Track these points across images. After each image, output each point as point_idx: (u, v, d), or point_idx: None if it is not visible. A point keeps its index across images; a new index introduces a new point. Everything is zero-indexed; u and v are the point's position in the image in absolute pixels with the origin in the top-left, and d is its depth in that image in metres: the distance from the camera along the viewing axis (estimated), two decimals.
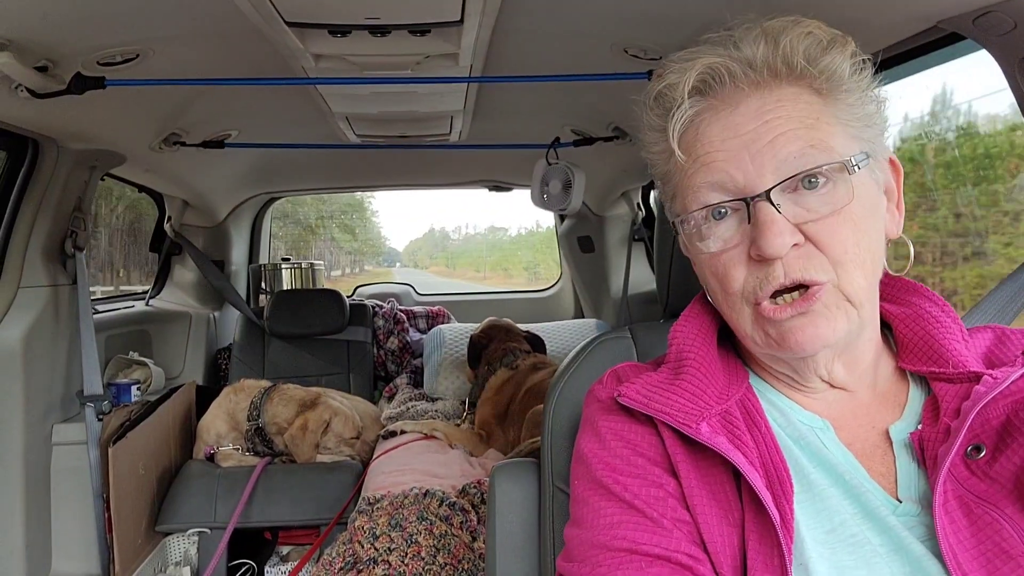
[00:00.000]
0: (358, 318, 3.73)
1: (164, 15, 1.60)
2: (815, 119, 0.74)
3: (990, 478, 0.71)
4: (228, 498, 2.58)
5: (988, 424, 0.73)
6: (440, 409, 3.20)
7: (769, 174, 0.72)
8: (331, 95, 2.22)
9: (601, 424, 0.84)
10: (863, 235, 0.74)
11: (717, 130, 0.75)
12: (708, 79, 0.76)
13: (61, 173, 2.34)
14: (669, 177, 0.83)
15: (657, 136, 0.82)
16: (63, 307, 2.46)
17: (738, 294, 0.76)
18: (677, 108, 0.77)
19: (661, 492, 0.76)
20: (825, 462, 0.76)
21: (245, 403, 2.82)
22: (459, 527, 2.10)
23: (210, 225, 3.77)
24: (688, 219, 0.78)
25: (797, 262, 0.72)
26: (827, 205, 0.72)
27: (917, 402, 0.80)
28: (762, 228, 0.71)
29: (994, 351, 0.82)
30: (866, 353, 0.81)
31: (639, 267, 3.57)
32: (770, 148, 0.72)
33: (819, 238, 0.72)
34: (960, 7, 1.21)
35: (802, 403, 0.82)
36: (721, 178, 0.74)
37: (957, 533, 0.68)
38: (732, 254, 0.75)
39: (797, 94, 0.75)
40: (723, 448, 0.73)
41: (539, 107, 2.55)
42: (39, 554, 2.38)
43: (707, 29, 0.79)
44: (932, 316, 0.82)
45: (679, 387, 0.81)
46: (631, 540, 0.73)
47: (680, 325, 0.88)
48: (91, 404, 2.39)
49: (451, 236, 7.97)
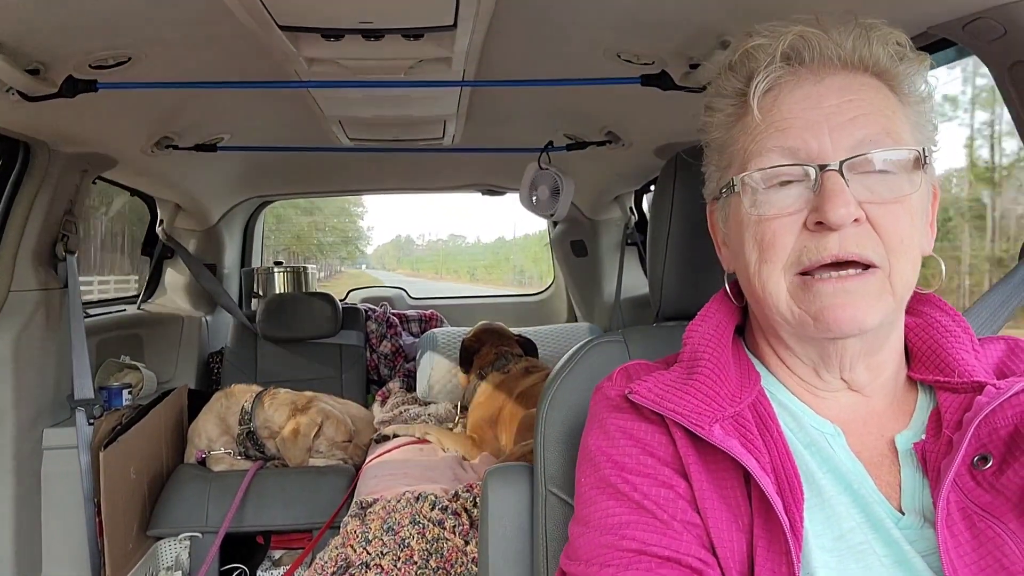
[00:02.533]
0: (351, 322, 3.72)
1: (156, 18, 1.59)
2: (892, 111, 0.75)
3: (996, 490, 0.70)
4: (220, 502, 2.57)
5: (996, 434, 0.72)
6: (433, 413, 3.20)
7: (843, 149, 0.72)
8: (324, 99, 2.22)
9: (610, 421, 0.82)
10: (915, 230, 0.74)
11: (799, 97, 0.75)
12: (800, 47, 0.75)
13: (52, 176, 2.33)
14: (730, 142, 0.81)
15: (726, 102, 0.81)
16: (54, 311, 2.45)
17: (780, 263, 0.75)
18: (765, 67, 0.76)
19: (671, 493, 0.75)
20: (835, 469, 0.75)
21: (237, 407, 2.81)
22: (452, 531, 2.10)
23: (202, 228, 3.76)
24: (747, 180, 0.77)
25: (854, 238, 0.72)
26: (892, 191, 0.73)
27: (924, 411, 0.79)
28: (829, 195, 0.70)
29: (1006, 362, 0.81)
30: (890, 362, 0.80)
31: (632, 271, 3.57)
32: (850, 125, 0.72)
33: (879, 221, 0.72)
34: (950, 13, 1.22)
35: (815, 407, 0.81)
36: (795, 144, 0.74)
37: (958, 548, 0.68)
38: (786, 221, 0.74)
39: (879, 87, 0.75)
40: (736, 452, 0.72)
41: (532, 111, 2.55)
42: (29, 559, 2.36)
43: (701, 34, 0.79)
44: (942, 326, 0.82)
45: (692, 387, 0.79)
46: (640, 541, 0.72)
47: (696, 324, 0.87)
48: (82, 408, 2.37)
49: (416, 242, 8.54)
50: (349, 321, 3.71)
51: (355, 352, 3.69)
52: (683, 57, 1.75)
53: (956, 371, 0.77)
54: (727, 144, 0.81)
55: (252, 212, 4.24)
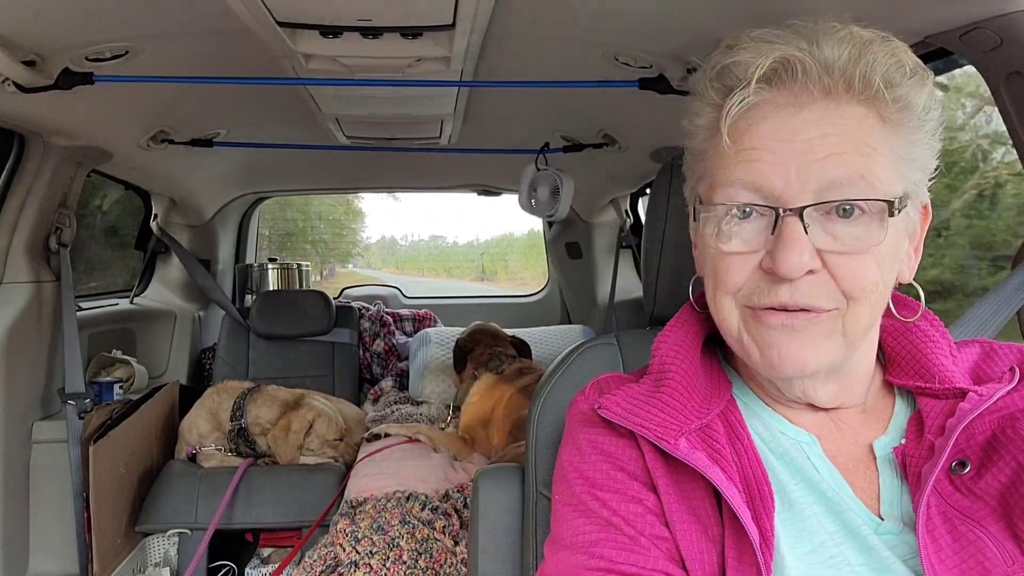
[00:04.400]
0: (344, 320, 3.71)
1: (154, 12, 1.59)
2: (872, 148, 0.70)
3: (974, 495, 0.70)
4: (209, 499, 2.56)
5: (973, 440, 0.72)
6: (425, 412, 3.19)
7: (810, 192, 0.69)
8: (321, 96, 2.22)
9: (581, 436, 0.83)
10: (882, 276, 0.72)
11: (771, 128, 0.71)
12: (780, 69, 0.71)
13: (47, 169, 2.32)
14: (704, 156, 0.78)
15: (707, 109, 0.77)
16: (46, 304, 2.44)
17: (731, 295, 0.74)
18: (740, 90, 0.72)
19: (640, 508, 0.75)
20: (808, 479, 0.75)
21: (228, 403, 2.80)
22: (441, 531, 2.09)
23: (197, 224, 3.75)
24: (712, 210, 0.74)
25: (807, 288, 0.70)
26: (857, 241, 0.69)
27: (902, 416, 0.79)
28: (784, 244, 0.68)
29: (981, 366, 0.81)
30: (859, 378, 0.79)
31: (626, 274, 3.58)
32: (820, 166, 0.68)
33: (838, 271, 0.70)
34: (947, 23, 1.22)
35: (788, 416, 0.80)
36: (760, 181, 0.70)
37: (939, 552, 0.68)
38: (740, 259, 0.72)
39: (863, 116, 0.70)
40: (701, 465, 0.72)
41: (529, 113, 2.55)
42: (16, 553, 2.35)
43: (699, 39, 0.78)
44: (921, 331, 0.81)
45: (659, 400, 0.79)
46: (608, 559, 0.73)
47: (664, 335, 0.86)
48: (73, 402, 2.36)
49: (399, 242, 9.08)
50: (342, 319, 3.70)
51: (348, 350, 3.68)
52: (681, 61, 1.75)
53: (937, 377, 0.77)
54: (701, 156, 0.79)
55: (247, 208, 4.24)
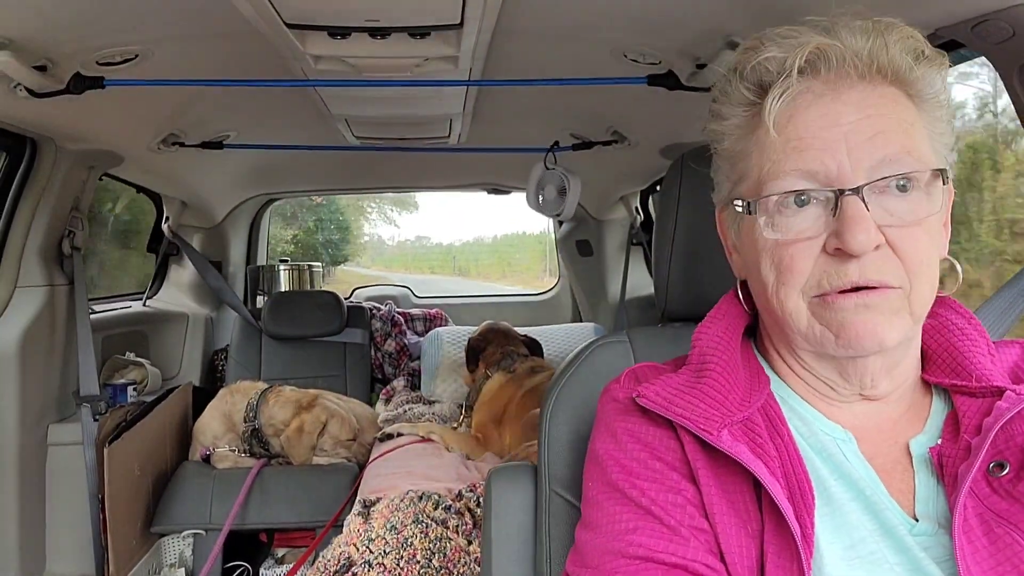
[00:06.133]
0: (355, 320, 3.72)
1: (163, 16, 1.60)
2: (910, 124, 0.72)
3: (1012, 497, 0.69)
4: (224, 499, 2.57)
5: (1012, 441, 0.71)
6: (437, 412, 3.20)
7: (863, 171, 0.69)
8: (330, 97, 2.22)
9: (618, 425, 0.81)
10: (935, 248, 0.73)
11: (816, 115, 0.71)
12: (815, 59, 0.72)
13: (59, 173, 2.33)
14: (743, 155, 0.78)
15: (738, 110, 0.77)
16: (60, 307, 2.46)
17: (798, 286, 0.73)
18: (781, 81, 0.72)
19: (679, 499, 0.74)
20: (846, 475, 0.74)
21: (242, 404, 2.81)
22: (455, 531, 2.09)
23: (208, 226, 3.77)
24: (763, 203, 0.74)
25: (874, 264, 0.70)
26: (912, 213, 0.70)
27: (939, 416, 0.78)
28: (850, 223, 0.68)
29: (1021, 366, 0.80)
30: (910, 369, 0.79)
31: (637, 272, 3.57)
32: (870, 144, 0.70)
33: (899, 245, 0.70)
34: (958, 15, 1.21)
35: (827, 412, 0.79)
36: (814, 167, 0.71)
37: (976, 554, 0.67)
38: (804, 245, 0.72)
39: (896, 95, 0.72)
40: (744, 458, 0.71)
41: (538, 111, 2.55)
42: (33, 555, 2.37)
43: (708, 35, 0.78)
44: (958, 328, 0.80)
45: (701, 391, 0.78)
46: (647, 547, 0.71)
47: (705, 326, 0.85)
48: (87, 404, 2.38)
49: (387, 243, 9.94)
50: (354, 319, 3.71)
51: (360, 350, 3.69)
52: (690, 57, 1.74)
53: (974, 375, 0.76)
54: (739, 157, 0.79)
55: (258, 209, 4.25)
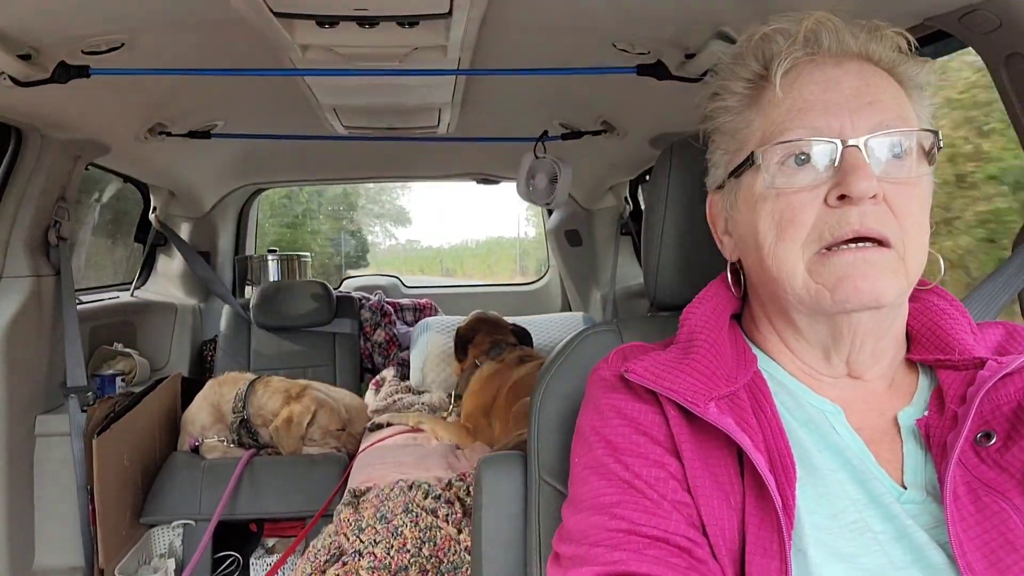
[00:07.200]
0: (345, 310, 3.71)
1: (150, 3, 1.58)
2: (903, 102, 0.77)
3: (1000, 467, 0.71)
4: (213, 490, 2.57)
5: (999, 411, 0.73)
6: (427, 402, 3.20)
7: (864, 130, 0.74)
8: (319, 86, 2.21)
9: (603, 401, 0.83)
10: (924, 217, 0.76)
11: (818, 79, 0.76)
12: (818, 29, 0.78)
13: (45, 162, 2.31)
14: (741, 127, 0.82)
15: (739, 85, 0.82)
16: (46, 297, 2.44)
17: (799, 240, 0.75)
18: (788, 48, 0.78)
19: (662, 472, 0.75)
20: (833, 446, 0.76)
21: (230, 395, 2.81)
22: (445, 520, 2.10)
23: (196, 216, 3.75)
24: (768, 153, 0.77)
25: (874, 215, 0.72)
26: (906, 172, 0.74)
27: (925, 391, 0.80)
28: (852, 168, 0.72)
29: (1005, 345, 0.82)
30: (891, 348, 0.81)
31: (626, 261, 3.58)
32: (868, 109, 0.74)
33: (895, 201, 0.74)
34: (946, 5, 1.21)
35: (815, 388, 0.81)
36: (818, 125, 0.75)
37: (964, 522, 0.68)
38: (806, 195, 0.75)
39: (888, 78, 0.78)
40: (730, 429, 0.72)
41: (527, 100, 2.55)
42: (22, 546, 2.37)
43: (697, 24, 0.79)
44: (940, 309, 0.83)
45: (688, 366, 0.80)
46: (630, 520, 0.72)
47: (694, 306, 0.87)
48: (75, 395, 2.37)
49: (379, 245, 10.65)
50: (343, 309, 3.70)
51: (349, 340, 3.68)
52: (679, 47, 1.74)
53: (956, 349, 0.78)
54: (739, 127, 0.82)
55: (246, 199, 4.23)
